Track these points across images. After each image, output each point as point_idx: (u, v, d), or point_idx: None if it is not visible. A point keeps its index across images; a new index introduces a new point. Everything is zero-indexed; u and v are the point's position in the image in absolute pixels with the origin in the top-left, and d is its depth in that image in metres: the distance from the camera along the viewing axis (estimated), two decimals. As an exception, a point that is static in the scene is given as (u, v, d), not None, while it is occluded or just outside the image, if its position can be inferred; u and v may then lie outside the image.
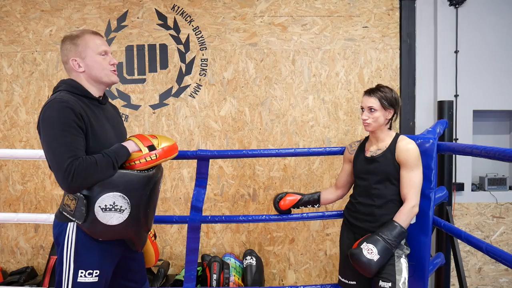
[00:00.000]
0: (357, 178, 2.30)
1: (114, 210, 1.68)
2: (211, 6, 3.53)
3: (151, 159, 1.75)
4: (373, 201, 2.18)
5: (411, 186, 2.11)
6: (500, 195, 3.55)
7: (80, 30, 1.85)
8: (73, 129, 1.63)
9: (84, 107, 1.70)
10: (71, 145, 1.61)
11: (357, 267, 2.05)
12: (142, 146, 1.76)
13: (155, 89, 3.56)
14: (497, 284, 3.59)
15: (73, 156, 1.60)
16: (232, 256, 3.48)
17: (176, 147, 1.88)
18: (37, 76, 3.56)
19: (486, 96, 3.53)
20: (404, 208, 2.10)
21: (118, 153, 1.71)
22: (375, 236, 2.03)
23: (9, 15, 3.55)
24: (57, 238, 1.75)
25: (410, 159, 2.12)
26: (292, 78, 3.56)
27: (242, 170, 3.57)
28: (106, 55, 1.80)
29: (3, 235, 3.63)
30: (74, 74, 1.79)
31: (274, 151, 2.61)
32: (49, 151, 1.64)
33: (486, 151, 1.77)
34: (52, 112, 1.63)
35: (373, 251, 1.98)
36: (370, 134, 2.31)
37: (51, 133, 1.63)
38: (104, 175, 1.66)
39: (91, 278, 1.71)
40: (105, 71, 1.79)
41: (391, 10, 3.54)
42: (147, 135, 1.84)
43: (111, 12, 3.54)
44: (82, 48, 1.76)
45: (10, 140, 3.58)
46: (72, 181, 1.59)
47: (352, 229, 2.28)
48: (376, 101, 2.18)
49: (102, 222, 1.67)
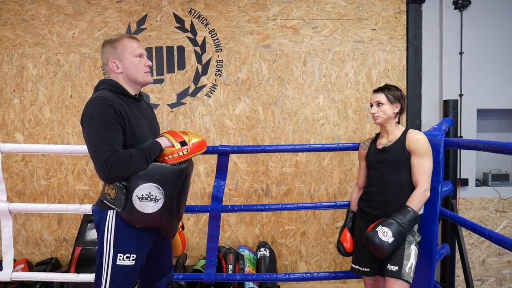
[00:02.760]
0: (370, 168, 2.46)
1: (149, 199, 1.85)
2: (226, 10, 3.70)
3: (183, 153, 1.92)
4: (385, 188, 2.34)
5: (422, 172, 2.26)
6: (503, 190, 3.70)
7: (118, 35, 2.02)
8: (112, 124, 1.80)
9: (123, 104, 1.88)
10: (110, 139, 1.79)
11: (371, 249, 2.20)
12: (174, 142, 1.94)
13: (173, 89, 3.73)
14: (500, 276, 3.74)
15: (111, 150, 1.77)
16: (246, 248, 3.65)
17: (205, 143, 2.05)
18: (61, 76, 3.75)
19: (489, 96, 3.68)
20: (416, 192, 2.25)
21: (151, 149, 1.88)
22: (390, 220, 2.19)
23: (34, 18, 3.73)
24: (98, 225, 1.93)
25: (421, 147, 2.28)
26: (304, 78, 3.73)
27: (255, 166, 3.74)
28: (142, 57, 1.98)
29: (28, 228, 3.82)
30: (113, 74, 1.97)
31: (290, 147, 2.79)
32: (90, 145, 1.82)
33: (488, 145, 1.94)
34: (94, 109, 1.81)
35: (388, 234, 2.13)
36: (380, 128, 2.48)
37: (92, 128, 1.81)
38: (138, 168, 1.83)
39: (128, 262, 1.89)
40: (140, 72, 1.97)
41: (398, 13, 3.70)
42: (179, 132, 2.01)
43: (131, 16, 3.72)
44: (120, 51, 1.94)
45: (35, 137, 3.76)
46: (109, 172, 1.77)
47: (365, 217, 2.43)
48: (383, 95, 2.39)
49: (139, 210, 1.85)
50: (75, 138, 3.75)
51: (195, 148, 1.96)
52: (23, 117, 3.76)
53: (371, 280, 2.50)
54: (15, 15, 3.72)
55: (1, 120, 3.76)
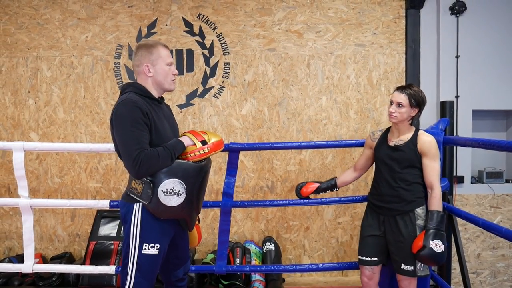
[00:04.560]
0: (382, 164, 2.58)
1: (173, 194, 2.01)
2: (233, 14, 3.87)
3: (204, 152, 2.09)
4: (398, 184, 2.49)
5: (435, 173, 2.43)
6: (497, 187, 3.89)
7: (154, 41, 2.20)
8: (140, 125, 1.97)
9: (148, 106, 2.04)
10: (138, 138, 1.95)
11: (432, 264, 2.41)
12: (196, 141, 2.10)
13: (182, 90, 3.90)
14: (495, 269, 3.93)
15: (140, 148, 1.94)
16: (252, 243, 3.82)
17: (223, 142, 2.22)
18: (74, 78, 3.90)
19: (484, 97, 3.87)
20: (435, 195, 2.42)
21: (176, 147, 2.05)
22: (430, 231, 2.33)
23: (48, 22, 3.88)
24: (124, 216, 2.09)
25: (432, 149, 2.45)
26: (307, 80, 3.90)
27: (261, 164, 3.91)
28: (171, 66, 2.15)
29: (42, 223, 3.97)
30: (142, 76, 2.13)
31: (296, 144, 2.97)
32: (121, 143, 1.99)
33: (484, 143, 2.13)
34: (123, 111, 1.97)
35: (439, 244, 2.30)
36: (393, 126, 2.59)
37: (123, 128, 1.97)
38: (164, 165, 2.00)
39: (153, 251, 2.06)
40: (168, 79, 2.14)
41: (397, 19, 3.88)
42: (199, 131, 2.17)
43: (141, 20, 3.88)
44: (155, 57, 2.10)
45: (49, 137, 3.92)
46: (139, 168, 1.94)
47: (377, 210, 2.59)
48: (406, 98, 2.45)
49: (164, 203, 2.01)
50: (88, 138, 3.91)
51: (214, 146, 2.12)
52: (37, 117, 3.91)
53: (370, 271, 2.63)
54: (30, 19, 3.87)
55: (17, 120, 3.91)
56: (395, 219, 2.50)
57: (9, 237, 3.98)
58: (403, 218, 2.47)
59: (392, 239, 2.51)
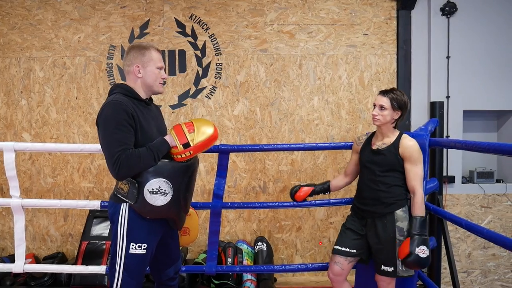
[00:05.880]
0: (363, 167, 2.63)
1: (159, 193, 2.03)
2: (226, 15, 3.88)
3: (185, 155, 2.08)
4: (378, 187, 2.52)
5: (417, 178, 2.45)
6: (488, 187, 3.92)
7: (147, 43, 2.19)
8: (124, 127, 1.98)
9: (135, 108, 2.05)
10: (122, 140, 1.97)
11: (418, 268, 2.44)
12: (178, 143, 2.07)
13: (174, 91, 3.91)
14: (485, 268, 3.95)
15: (122, 149, 1.95)
16: (244, 243, 3.83)
17: (212, 138, 2.13)
18: (67, 78, 3.91)
19: (475, 98, 3.89)
20: (417, 200, 2.43)
21: (159, 148, 2.06)
22: (414, 238, 2.35)
23: (41, 23, 3.89)
24: (112, 217, 2.10)
25: (414, 154, 2.46)
26: (299, 81, 3.92)
27: (253, 165, 3.93)
28: (161, 70, 2.16)
29: (35, 224, 3.98)
30: (131, 76, 2.14)
31: (286, 145, 2.98)
32: (104, 144, 2.01)
33: (466, 144, 2.16)
34: (109, 112, 1.99)
35: (424, 249, 2.32)
36: (377, 130, 2.63)
37: (107, 129, 1.99)
38: (146, 165, 2.01)
39: (140, 250, 2.07)
40: (156, 82, 2.15)
41: (389, 19, 3.90)
42: (185, 128, 2.10)
43: (134, 21, 3.89)
44: (147, 59, 2.12)
45: (42, 137, 3.93)
46: (118, 170, 1.95)
47: (360, 213, 2.63)
48: (388, 101, 2.49)
49: (150, 203, 2.03)
50: (80, 138, 3.92)
51: (197, 149, 2.08)
52: (30, 118, 3.92)
53: (339, 267, 2.62)
54: (23, 20, 3.88)
55: (9, 120, 3.92)
56: (375, 221, 2.53)
57: (2, 237, 3.99)
58: (382, 220, 2.50)
59: (372, 241, 2.54)
